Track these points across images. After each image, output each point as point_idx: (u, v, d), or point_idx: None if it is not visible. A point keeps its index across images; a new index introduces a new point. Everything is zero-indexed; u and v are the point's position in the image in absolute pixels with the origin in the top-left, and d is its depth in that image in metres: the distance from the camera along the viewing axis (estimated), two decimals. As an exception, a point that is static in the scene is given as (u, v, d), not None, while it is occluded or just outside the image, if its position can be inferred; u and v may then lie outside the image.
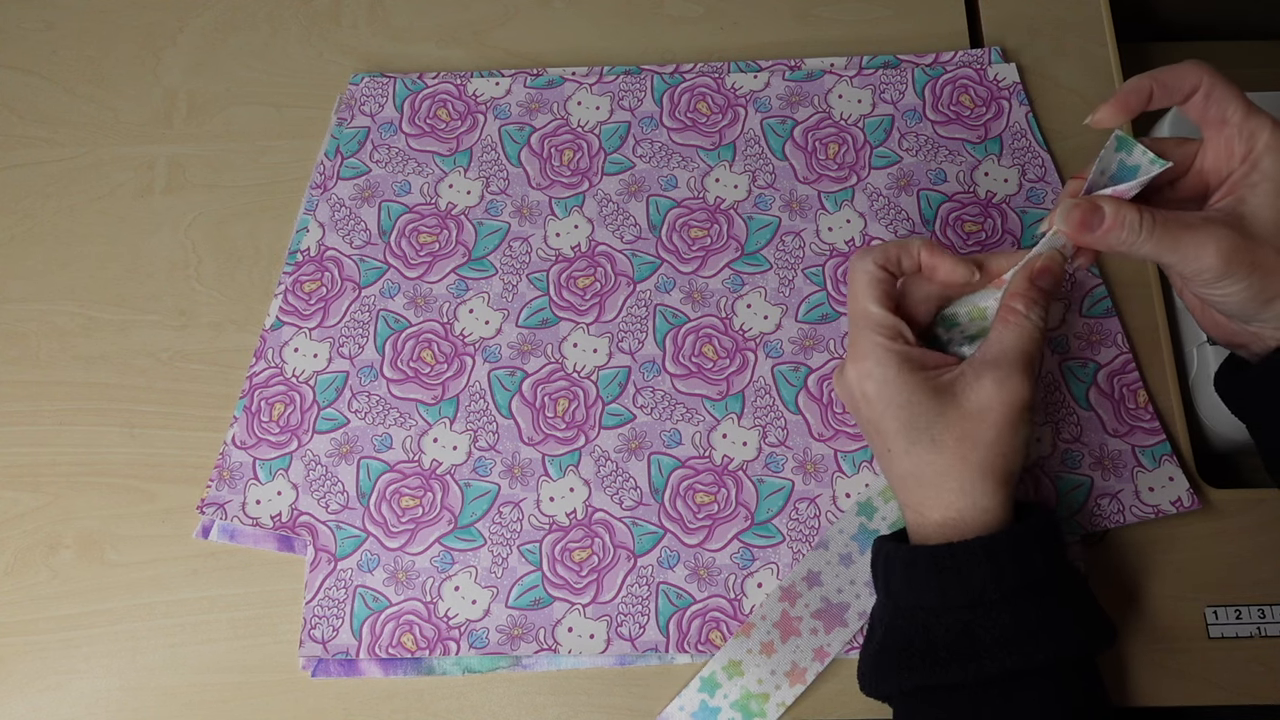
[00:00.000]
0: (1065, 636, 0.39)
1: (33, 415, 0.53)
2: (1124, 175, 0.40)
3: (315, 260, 0.54)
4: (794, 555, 0.48)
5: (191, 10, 0.62)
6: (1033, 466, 0.49)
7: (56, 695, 0.48)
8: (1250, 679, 0.46)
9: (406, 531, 0.49)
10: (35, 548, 0.50)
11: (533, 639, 0.47)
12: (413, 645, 0.47)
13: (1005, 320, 0.41)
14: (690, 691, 0.46)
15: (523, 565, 0.48)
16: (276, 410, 0.51)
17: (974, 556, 0.39)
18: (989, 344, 0.41)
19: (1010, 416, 0.40)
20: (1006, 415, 0.40)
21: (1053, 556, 0.41)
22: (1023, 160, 0.55)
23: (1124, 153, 0.40)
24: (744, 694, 0.46)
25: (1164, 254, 0.38)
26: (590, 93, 0.58)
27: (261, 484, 0.50)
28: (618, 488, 0.50)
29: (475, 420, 0.51)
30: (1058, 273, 0.42)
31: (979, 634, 0.39)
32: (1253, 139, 0.39)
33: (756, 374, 0.51)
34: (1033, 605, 0.39)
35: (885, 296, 0.42)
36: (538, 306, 0.53)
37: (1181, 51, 0.66)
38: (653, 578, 0.48)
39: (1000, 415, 0.40)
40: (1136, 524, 0.48)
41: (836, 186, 0.55)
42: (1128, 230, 0.38)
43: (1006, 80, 0.57)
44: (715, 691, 0.46)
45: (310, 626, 0.48)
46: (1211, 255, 0.38)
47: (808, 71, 0.58)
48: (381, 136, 0.57)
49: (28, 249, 0.56)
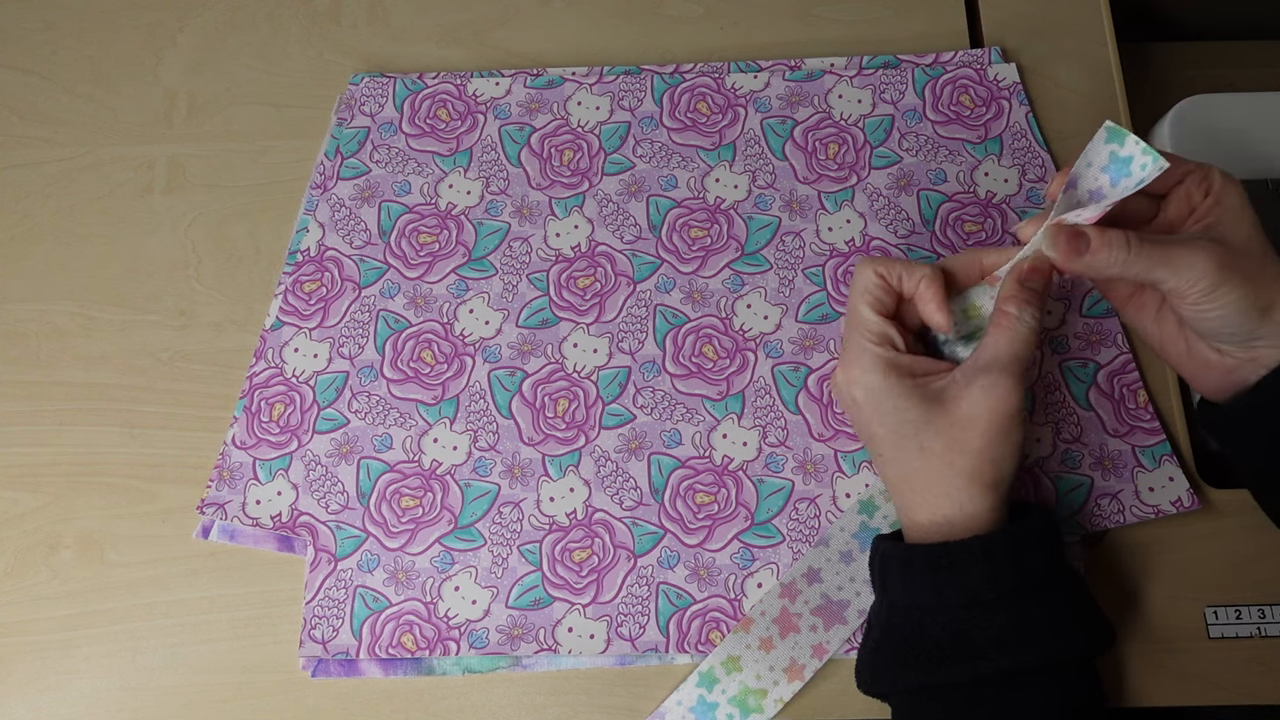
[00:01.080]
0: (1063, 636, 0.39)
1: (33, 415, 0.53)
2: (1116, 170, 0.40)
3: (315, 260, 0.54)
4: (794, 555, 0.48)
5: (191, 10, 0.62)
6: (1032, 466, 0.49)
7: (56, 695, 0.48)
8: (1250, 679, 0.46)
9: (406, 532, 0.49)
10: (35, 548, 0.50)
11: (533, 639, 0.47)
12: (413, 645, 0.47)
13: (998, 324, 0.41)
14: (688, 686, 0.46)
15: (523, 565, 0.48)
16: (276, 410, 0.51)
17: (970, 556, 0.39)
18: (982, 349, 0.41)
19: (999, 423, 0.40)
20: (995, 422, 0.40)
21: (1050, 556, 0.41)
22: (1023, 160, 0.55)
23: (1115, 144, 0.40)
24: (742, 689, 0.46)
25: (1156, 269, 0.38)
26: (590, 93, 0.58)
27: (261, 484, 0.50)
28: (618, 488, 0.50)
29: (475, 420, 0.51)
30: (1047, 272, 0.42)
31: (975, 634, 0.39)
32: (1209, 179, 0.41)
33: (756, 374, 0.51)
34: (1030, 605, 0.39)
35: (879, 303, 0.42)
36: (538, 307, 0.53)
37: (1182, 51, 0.66)
38: (653, 578, 0.48)
39: (988, 423, 0.40)
40: (1136, 524, 0.48)
41: (836, 187, 0.55)
42: (1116, 250, 0.38)
43: (1006, 80, 0.57)
44: (713, 687, 0.46)
45: (310, 627, 0.48)
46: (1205, 262, 0.38)
47: (808, 72, 0.58)
48: (381, 136, 0.57)
49: (28, 249, 0.56)
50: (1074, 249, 0.39)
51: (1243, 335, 0.40)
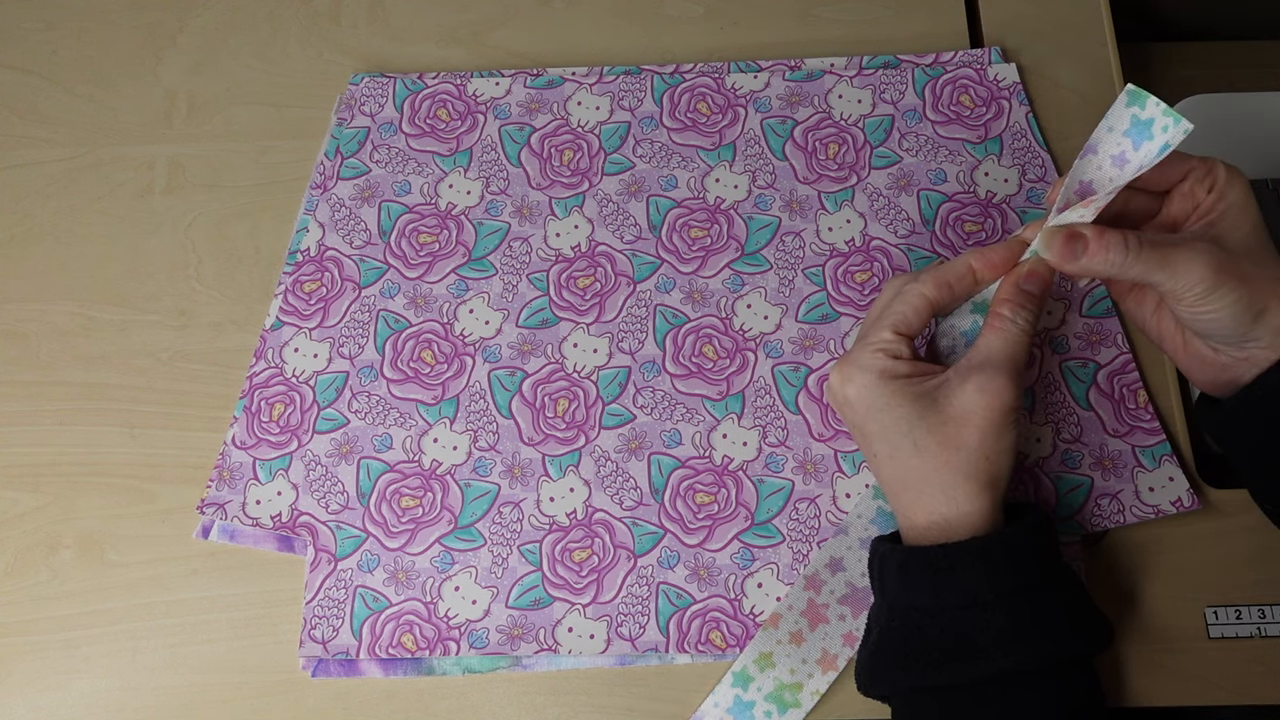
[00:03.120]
0: (1062, 637, 0.39)
1: (33, 415, 0.53)
2: (1138, 134, 0.39)
3: (315, 260, 0.54)
4: (794, 555, 0.48)
5: (191, 10, 0.62)
6: (1032, 466, 0.49)
7: (56, 695, 0.48)
8: (1250, 679, 0.46)
9: (406, 532, 0.49)
10: (35, 548, 0.50)
11: (533, 639, 0.47)
12: (413, 645, 0.47)
13: (992, 326, 0.41)
14: (723, 688, 0.46)
15: (523, 565, 0.48)
16: (276, 410, 0.51)
17: (968, 557, 0.39)
18: (975, 350, 0.41)
19: (994, 419, 0.40)
20: (990, 418, 0.40)
21: (1047, 557, 0.41)
22: (1023, 160, 0.55)
23: (1136, 107, 0.39)
24: (777, 685, 0.46)
25: (1154, 271, 0.38)
26: (590, 93, 0.58)
27: (261, 484, 0.50)
28: (618, 488, 0.50)
29: (475, 420, 0.51)
30: (1045, 276, 0.41)
31: (974, 635, 0.39)
32: (1212, 174, 0.40)
33: (756, 374, 0.51)
34: (1028, 606, 0.39)
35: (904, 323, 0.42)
36: (538, 306, 0.53)
37: (1182, 51, 0.66)
38: (653, 578, 0.48)
39: (983, 419, 0.40)
40: (1136, 524, 0.48)
41: (836, 187, 0.55)
42: (1114, 252, 0.38)
43: (1006, 80, 0.57)
44: (748, 685, 0.46)
45: (310, 627, 0.48)
46: (1203, 266, 0.38)
47: (808, 71, 0.58)
48: (381, 136, 0.57)
49: (28, 249, 0.56)
50: (1070, 251, 0.39)
51: (1236, 337, 0.40)
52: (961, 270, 0.42)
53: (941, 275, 0.42)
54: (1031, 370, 0.51)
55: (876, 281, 0.53)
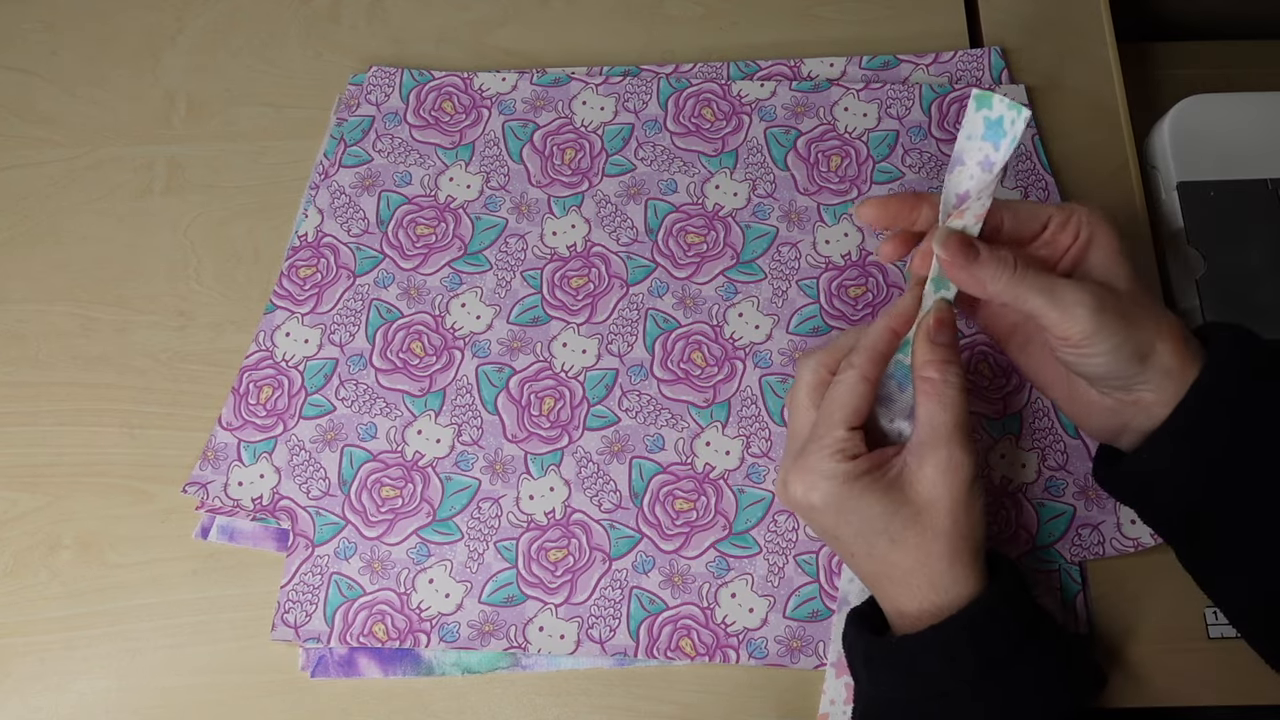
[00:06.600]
0: (1043, 706, 0.38)
1: (33, 415, 0.53)
2: (993, 134, 0.38)
3: (312, 246, 0.55)
4: (770, 567, 0.48)
5: (191, 10, 0.62)
6: (1016, 492, 0.48)
7: (56, 696, 0.48)
8: (1250, 679, 0.46)
9: (385, 521, 0.49)
10: (35, 548, 0.50)
11: (503, 636, 0.47)
12: (384, 635, 0.47)
13: (926, 393, 0.39)
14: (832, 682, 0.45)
15: (498, 562, 0.48)
16: (264, 393, 0.51)
17: (926, 649, 0.38)
18: (919, 424, 0.40)
19: (960, 497, 0.39)
20: (956, 497, 0.39)
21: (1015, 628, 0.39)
22: (1026, 182, 0.55)
23: (985, 109, 0.38)
24: None
25: (1035, 297, 0.37)
26: (596, 93, 0.58)
27: (245, 466, 0.50)
28: (598, 489, 0.50)
29: (460, 414, 0.51)
30: (951, 322, 0.40)
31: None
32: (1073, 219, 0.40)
33: (744, 383, 0.51)
34: (1001, 688, 0.38)
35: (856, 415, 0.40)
36: (530, 304, 0.53)
37: (1182, 51, 0.66)
38: (626, 582, 0.48)
39: (951, 499, 0.38)
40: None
41: (836, 199, 0.55)
42: (1001, 265, 0.37)
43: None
44: None
45: (284, 610, 0.48)
46: (1084, 306, 0.37)
47: (814, 83, 0.58)
48: (385, 126, 0.57)
49: (28, 249, 0.56)
50: (965, 254, 0.38)
51: (1123, 379, 0.39)
52: (885, 337, 0.40)
53: (872, 351, 0.40)
54: (1020, 395, 0.50)
55: (871, 297, 0.53)
